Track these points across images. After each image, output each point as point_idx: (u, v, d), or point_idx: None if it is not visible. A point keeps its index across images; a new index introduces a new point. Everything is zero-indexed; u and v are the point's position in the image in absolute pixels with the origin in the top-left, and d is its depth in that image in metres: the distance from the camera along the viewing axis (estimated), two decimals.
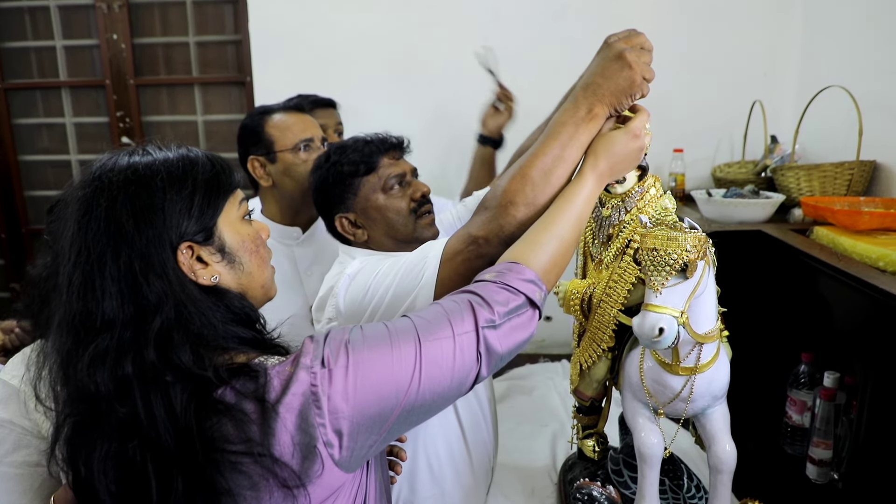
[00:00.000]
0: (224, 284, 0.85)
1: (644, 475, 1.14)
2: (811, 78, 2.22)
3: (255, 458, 0.74)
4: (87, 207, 0.79)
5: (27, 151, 2.85)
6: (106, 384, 0.75)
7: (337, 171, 1.30)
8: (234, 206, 0.88)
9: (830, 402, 1.49)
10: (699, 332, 1.03)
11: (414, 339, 0.82)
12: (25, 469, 1.14)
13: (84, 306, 0.77)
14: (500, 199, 1.05)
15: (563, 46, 2.39)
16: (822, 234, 1.57)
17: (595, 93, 1.05)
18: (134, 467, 0.75)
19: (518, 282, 0.89)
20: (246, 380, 0.77)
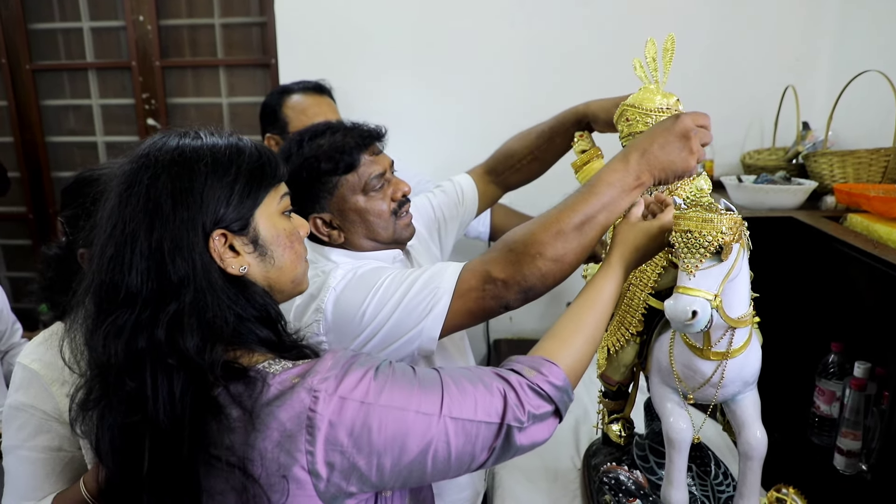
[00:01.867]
0: (251, 276, 0.84)
1: (672, 460, 1.13)
2: (845, 63, 2.17)
3: (231, 466, 0.74)
4: (130, 182, 0.80)
5: (54, 133, 2.88)
6: (119, 356, 0.76)
7: (312, 168, 1.21)
8: (276, 199, 0.88)
9: (861, 393, 1.46)
10: (732, 316, 1.01)
11: (437, 406, 0.80)
12: (47, 453, 1.16)
13: (111, 278, 0.78)
14: (529, 248, 1.01)
15: (590, 31, 2.36)
16: (857, 222, 1.54)
17: (650, 162, 1.03)
18: (133, 442, 0.77)
19: (551, 388, 0.87)
20: (241, 385, 0.77)
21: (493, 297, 1.05)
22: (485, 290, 1.05)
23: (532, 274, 1.02)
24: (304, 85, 1.85)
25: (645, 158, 1.03)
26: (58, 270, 1.25)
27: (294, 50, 2.49)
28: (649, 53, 1.21)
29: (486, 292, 1.05)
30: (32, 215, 2.91)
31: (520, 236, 1.04)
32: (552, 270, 1.03)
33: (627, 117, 1.18)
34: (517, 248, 1.03)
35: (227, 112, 2.76)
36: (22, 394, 1.17)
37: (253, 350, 0.83)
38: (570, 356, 0.92)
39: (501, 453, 0.84)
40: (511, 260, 1.03)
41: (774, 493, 0.95)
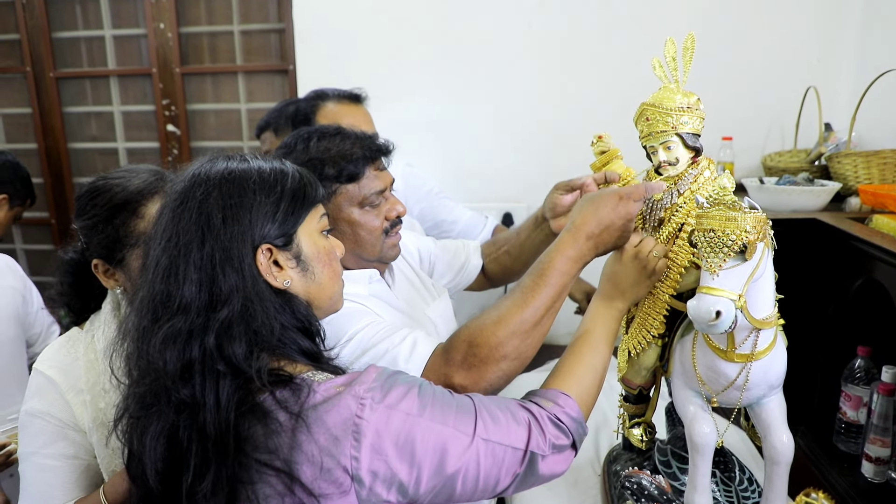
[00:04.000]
0: (293, 290, 0.89)
1: (696, 465, 1.11)
2: (868, 63, 2.13)
3: (276, 471, 0.76)
4: (183, 199, 0.85)
5: (76, 139, 2.93)
6: (173, 363, 0.79)
7: (315, 169, 1.18)
8: (315, 218, 0.93)
9: (889, 398, 1.43)
10: (757, 317, 0.99)
11: (472, 427, 0.84)
12: (63, 461, 1.16)
13: (166, 288, 0.81)
14: (494, 353, 1.01)
15: (607, 34, 2.35)
16: (883, 223, 1.51)
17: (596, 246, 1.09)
18: (180, 448, 0.79)
19: (568, 419, 0.92)
20: (287, 391, 0.79)
21: None
22: None
23: (496, 377, 1.03)
24: (340, 93, 1.85)
25: (592, 241, 1.08)
26: (75, 276, 1.26)
27: (312, 56, 2.51)
28: (669, 53, 1.20)
29: None
30: (55, 220, 2.96)
31: (482, 339, 1.02)
32: (516, 368, 1.05)
33: (648, 117, 1.16)
34: (480, 352, 1.02)
35: (246, 118, 2.79)
36: (38, 401, 1.17)
37: (295, 361, 0.86)
38: (579, 388, 0.98)
39: (523, 480, 0.88)
40: (474, 364, 1.02)
41: (804, 498, 0.93)
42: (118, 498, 1.10)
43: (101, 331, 1.21)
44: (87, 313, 1.27)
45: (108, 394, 1.16)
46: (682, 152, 1.15)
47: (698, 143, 1.16)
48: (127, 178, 1.19)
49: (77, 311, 1.28)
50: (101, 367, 1.18)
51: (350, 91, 1.88)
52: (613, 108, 2.26)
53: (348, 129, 1.27)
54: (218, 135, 2.83)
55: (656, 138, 1.15)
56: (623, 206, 1.08)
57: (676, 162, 1.15)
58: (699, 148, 1.16)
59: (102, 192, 1.17)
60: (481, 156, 2.49)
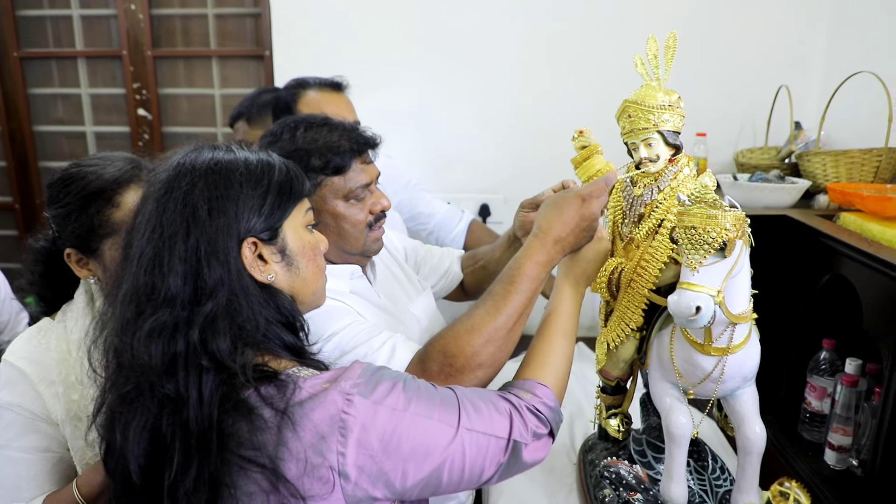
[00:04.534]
0: (277, 285, 0.88)
1: (672, 455, 1.14)
2: (838, 64, 2.19)
3: (261, 468, 0.75)
4: (168, 188, 0.83)
5: (42, 122, 2.84)
6: (158, 357, 0.78)
7: (300, 160, 1.17)
8: (301, 213, 0.93)
9: (852, 389, 1.48)
10: (734, 312, 1.02)
11: (456, 419, 0.85)
12: (35, 454, 1.14)
13: (150, 280, 0.80)
14: (470, 362, 1.03)
15: (587, 29, 2.37)
16: (850, 221, 1.56)
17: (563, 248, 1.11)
18: (163, 444, 0.78)
19: (546, 409, 0.95)
20: (273, 387, 0.79)
21: None
22: None
23: (472, 385, 1.04)
24: (321, 81, 1.83)
25: (559, 245, 1.10)
26: (46, 265, 1.23)
27: (289, 42, 2.48)
28: (651, 51, 1.22)
29: None
30: (19, 205, 2.88)
31: (457, 348, 1.03)
32: (491, 375, 1.07)
33: (630, 114, 1.18)
34: (456, 362, 1.03)
35: (220, 104, 2.74)
36: (7, 392, 1.14)
37: (280, 357, 0.85)
38: (554, 377, 1.01)
39: (507, 468, 0.90)
40: (450, 374, 1.03)
41: (777, 487, 0.97)
42: (92, 491, 1.09)
43: (73, 322, 1.19)
44: (58, 303, 1.24)
45: (81, 386, 1.14)
46: (663, 149, 1.17)
47: (678, 141, 1.18)
48: (101, 166, 1.16)
49: (48, 301, 1.25)
50: (74, 358, 1.16)
51: (331, 79, 1.86)
52: (593, 103, 2.28)
53: (335, 120, 1.25)
54: (191, 120, 2.78)
55: (638, 135, 1.17)
56: (586, 207, 1.11)
57: (657, 159, 1.18)
58: (679, 145, 1.19)
59: (76, 180, 1.14)
60: (460, 147, 2.49)
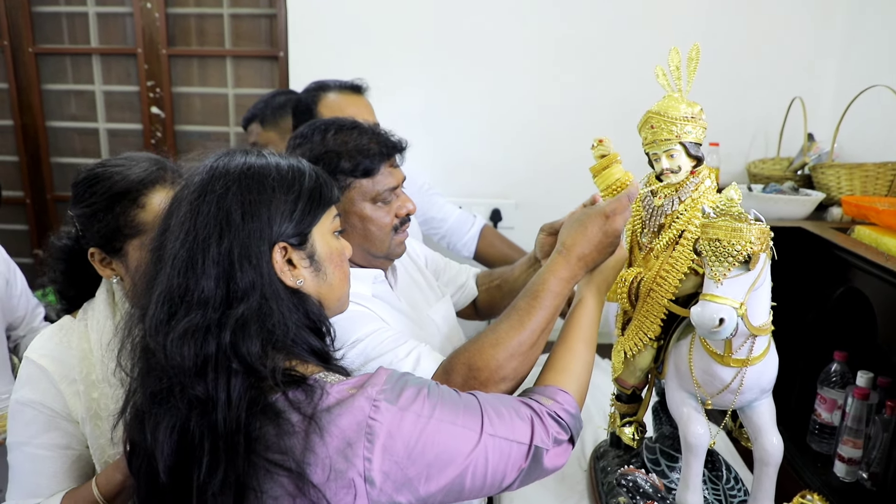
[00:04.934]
0: (305, 289, 0.89)
1: (689, 465, 1.15)
2: (851, 76, 2.21)
3: (288, 472, 0.76)
4: (202, 192, 0.84)
5: (55, 117, 2.85)
6: (191, 359, 0.78)
7: (330, 162, 1.19)
8: (329, 219, 0.94)
9: (863, 402, 1.49)
10: (755, 324, 1.03)
11: (479, 424, 0.85)
12: (55, 451, 1.14)
13: (184, 282, 0.81)
14: (494, 375, 1.04)
15: (601, 36, 2.38)
16: (864, 234, 1.56)
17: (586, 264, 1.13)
18: (192, 445, 0.78)
19: (567, 415, 0.95)
20: (300, 392, 0.79)
21: None
22: None
23: None
24: (341, 84, 1.84)
25: (583, 261, 1.12)
26: (68, 263, 1.23)
27: (304, 43, 2.49)
28: (673, 62, 1.23)
29: None
30: (30, 200, 2.88)
31: (482, 361, 1.04)
32: (513, 388, 1.08)
33: (652, 125, 1.19)
34: (481, 375, 1.04)
35: (233, 103, 2.75)
36: (29, 389, 1.14)
37: (307, 361, 0.86)
38: (575, 383, 1.02)
39: (528, 474, 0.89)
40: (474, 387, 1.03)
41: (799, 499, 0.97)
42: (111, 490, 1.09)
43: (94, 321, 1.20)
44: (79, 301, 1.25)
45: (101, 384, 1.15)
46: (685, 161, 1.18)
47: (700, 153, 1.19)
48: (127, 167, 1.16)
49: (70, 299, 1.26)
50: (95, 356, 1.17)
51: (351, 82, 1.87)
52: (606, 110, 2.31)
53: (365, 124, 1.27)
54: (204, 119, 2.78)
55: (660, 146, 1.18)
56: (610, 224, 1.13)
57: (679, 170, 1.18)
58: (701, 157, 1.19)
59: (102, 180, 1.15)
60: (471, 151, 2.50)
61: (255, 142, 2.15)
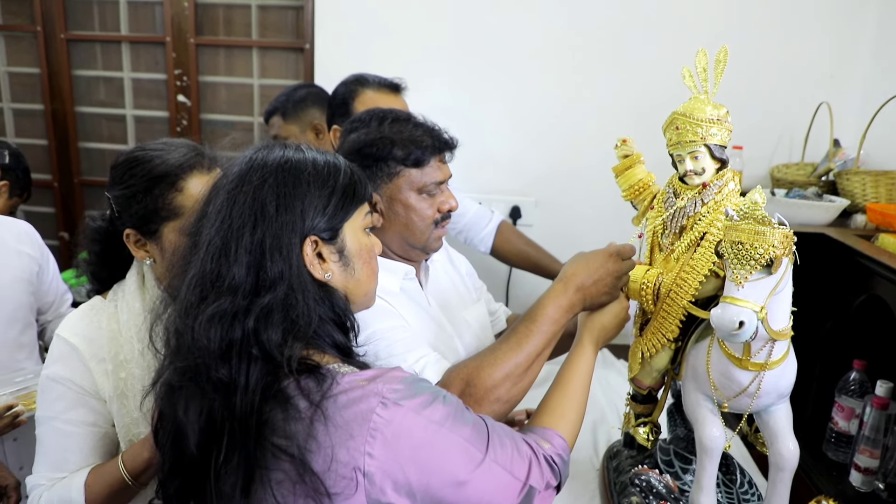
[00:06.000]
0: (333, 283, 0.90)
1: (704, 467, 1.15)
2: (880, 83, 2.18)
3: (290, 457, 0.77)
4: (240, 182, 0.86)
5: (84, 103, 2.90)
6: (217, 343, 0.80)
7: (384, 147, 1.24)
8: (361, 216, 0.95)
9: (882, 412, 1.48)
10: (775, 328, 1.03)
11: (485, 448, 0.85)
12: (83, 427, 1.17)
13: (217, 268, 0.83)
14: (488, 395, 1.06)
15: (624, 38, 2.37)
16: (889, 242, 1.55)
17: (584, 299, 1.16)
18: (215, 425, 0.80)
19: (560, 461, 0.95)
20: (312, 380, 0.80)
21: None
22: None
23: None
24: (381, 81, 1.84)
25: (581, 293, 1.15)
26: (102, 244, 1.26)
27: (330, 36, 2.50)
28: (700, 63, 1.22)
29: None
30: (57, 184, 2.93)
31: (479, 379, 1.07)
32: (504, 411, 1.09)
33: (678, 126, 1.19)
34: (475, 392, 1.06)
35: (258, 93, 2.78)
36: (60, 366, 1.17)
37: (325, 352, 0.87)
38: (569, 429, 1.03)
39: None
40: (468, 404, 1.03)
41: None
42: (137, 467, 1.12)
43: (124, 302, 1.22)
44: (111, 283, 1.27)
45: (129, 364, 1.18)
46: (709, 163, 1.18)
47: (725, 155, 1.19)
48: (166, 151, 1.19)
49: (102, 281, 1.29)
50: (124, 337, 1.19)
51: (390, 80, 1.88)
52: (629, 110, 2.30)
53: (421, 119, 1.32)
54: (229, 108, 2.81)
55: (685, 147, 1.18)
56: (613, 263, 1.16)
57: (703, 172, 1.18)
58: (725, 159, 1.19)
59: (142, 163, 1.17)
60: (493, 147, 2.51)
61: (276, 135, 2.17)
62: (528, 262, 2.17)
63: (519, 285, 2.52)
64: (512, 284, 2.52)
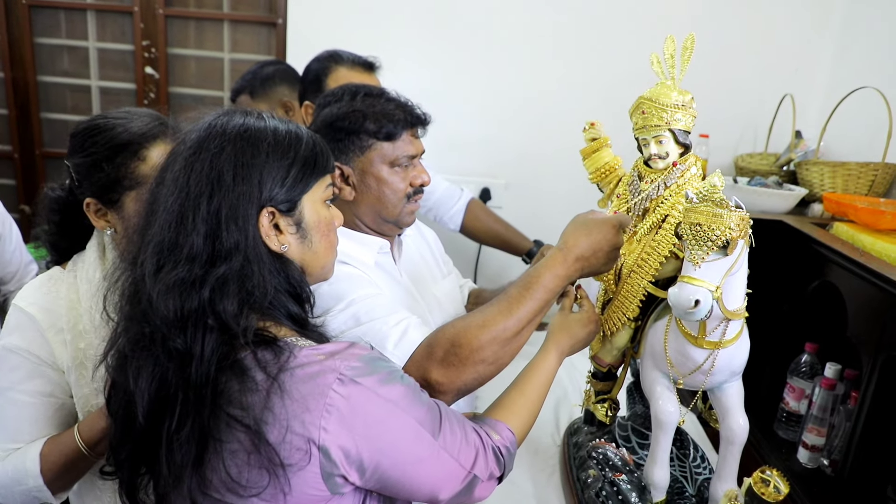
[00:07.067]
0: (289, 255, 0.90)
1: (658, 441, 1.19)
2: (842, 77, 2.24)
3: (246, 428, 0.77)
4: (197, 149, 0.85)
5: (47, 72, 2.81)
6: (173, 311, 0.80)
7: (356, 121, 1.25)
8: (321, 188, 0.94)
9: (830, 392, 1.55)
10: (729, 308, 1.07)
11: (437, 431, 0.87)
12: (39, 398, 1.16)
13: (174, 236, 0.82)
14: (473, 355, 1.06)
15: (599, 21, 2.39)
16: (842, 230, 1.61)
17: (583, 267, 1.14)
18: (167, 393, 0.80)
19: (507, 454, 0.97)
20: (269, 352, 0.81)
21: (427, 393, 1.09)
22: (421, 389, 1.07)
23: (471, 378, 1.07)
24: (355, 59, 1.82)
25: (579, 264, 1.13)
26: (62, 214, 1.24)
27: (303, 11, 2.47)
28: (668, 50, 1.25)
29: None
30: (18, 155, 2.85)
31: (464, 340, 1.07)
32: (490, 372, 1.09)
33: (644, 110, 1.22)
34: (461, 353, 1.06)
35: (229, 68, 2.73)
36: (17, 336, 1.16)
37: (282, 324, 0.87)
38: (522, 426, 1.03)
39: (458, 497, 0.90)
40: (453, 363, 1.06)
41: (759, 475, 1.02)
42: (93, 436, 1.11)
43: (83, 271, 1.21)
44: (70, 253, 1.26)
45: (88, 334, 1.16)
46: (673, 147, 1.21)
47: (688, 140, 1.22)
48: (129, 120, 1.17)
49: (61, 251, 1.27)
50: (83, 307, 1.18)
51: (365, 58, 1.87)
52: (599, 96, 2.33)
53: (394, 94, 1.32)
54: (198, 82, 2.76)
55: (649, 131, 1.21)
56: (614, 235, 1.16)
57: (666, 156, 1.21)
58: (689, 144, 1.22)
59: (104, 131, 1.15)
60: (464, 129, 2.51)
61: None
62: (498, 240, 2.19)
63: (488, 263, 2.55)
64: (481, 262, 2.54)
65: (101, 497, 1.23)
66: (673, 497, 1.26)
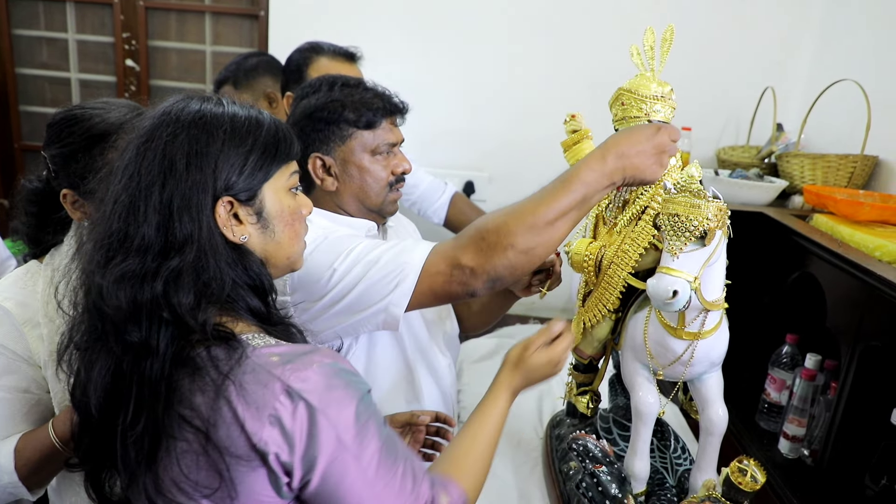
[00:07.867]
0: (250, 246, 0.86)
1: (638, 432, 1.20)
2: (823, 70, 2.25)
3: (195, 429, 0.76)
4: (149, 137, 0.81)
5: (25, 65, 2.78)
6: (126, 303, 0.78)
7: (335, 111, 1.26)
8: (285, 176, 0.90)
9: (810, 383, 1.56)
10: (708, 299, 1.07)
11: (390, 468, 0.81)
12: (14, 394, 1.14)
13: (124, 227, 0.79)
14: (502, 239, 1.03)
15: (580, 13, 2.39)
16: (822, 222, 1.62)
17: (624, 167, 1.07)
18: (121, 387, 0.79)
19: None
20: (223, 349, 0.78)
21: (459, 282, 1.07)
22: (452, 275, 1.07)
23: (501, 265, 1.04)
24: (336, 49, 1.82)
25: (621, 161, 1.07)
26: (38, 206, 1.22)
27: (285, 4, 2.46)
28: (647, 42, 1.25)
29: (453, 277, 1.07)
30: None
31: (493, 225, 1.05)
32: (521, 262, 1.06)
33: (623, 101, 1.22)
34: (489, 237, 1.04)
35: (210, 60, 2.71)
36: None
37: (241, 319, 0.84)
38: (471, 479, 0.95)
39: None
40: (482, 248, 1.04)
41: (736, 464, 1.02)
42: (68, 432, 1.08)
43: (60, 265, 1.19)
44: (49, 247, 1.24)
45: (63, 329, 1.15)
46: None
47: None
48: (106, 110, 1.15)
49: (39, 245, 1.25)
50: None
51: (346, 49, 1.86)
52: (579, 87, 2.32)
53: (371, 83, 1.33)
54: (179, 75, 2.74)
55: (629, 122, 1.21)
56: (659, 137, 1.08)
57: None
58: None
59: (81, 121, 1.13)
60: (446, 122, 2.51)
61: None
62: None
63: None
64: None
65: (80, 493, 1.21)
66: (654, 488, 1.27)
